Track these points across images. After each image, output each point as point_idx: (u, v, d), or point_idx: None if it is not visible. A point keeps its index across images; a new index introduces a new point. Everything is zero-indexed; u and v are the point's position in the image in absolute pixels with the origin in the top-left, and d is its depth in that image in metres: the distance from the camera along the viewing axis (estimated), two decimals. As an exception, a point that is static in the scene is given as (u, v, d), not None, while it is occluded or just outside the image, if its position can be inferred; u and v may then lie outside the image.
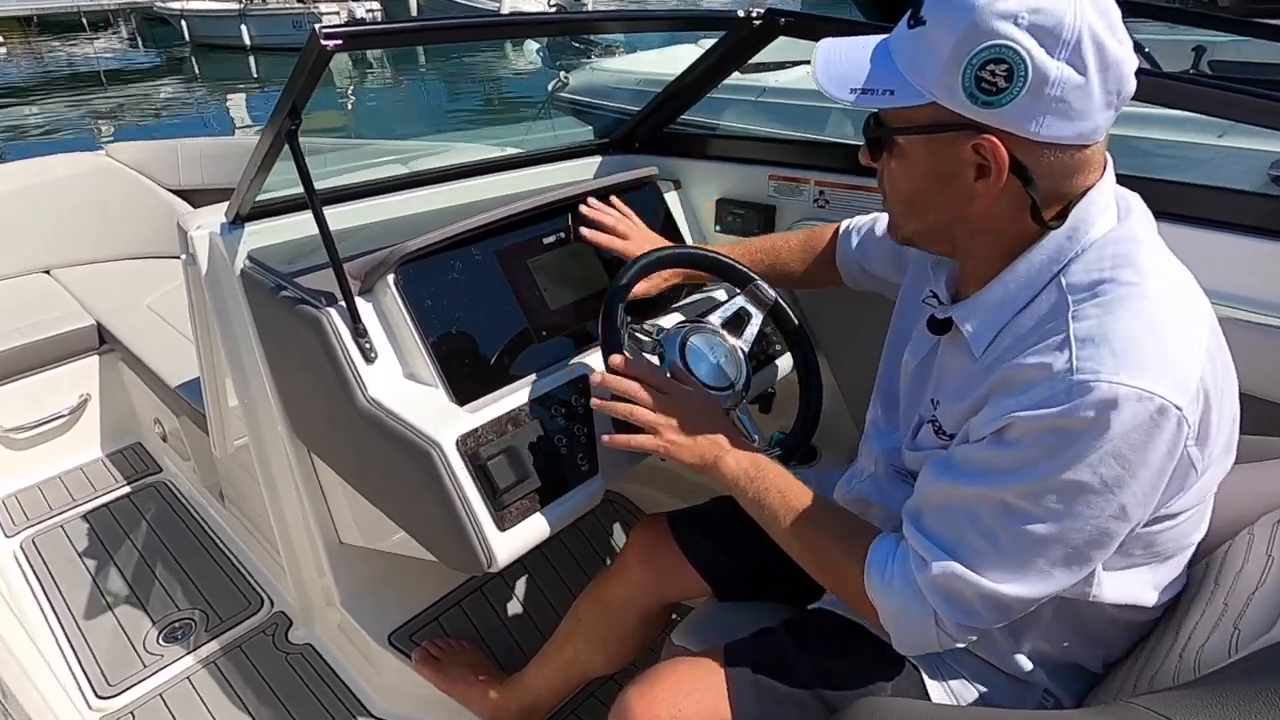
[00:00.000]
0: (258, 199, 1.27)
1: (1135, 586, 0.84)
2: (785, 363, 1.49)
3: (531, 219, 1.31)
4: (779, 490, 0.94)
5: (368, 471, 1.24)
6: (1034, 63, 0.68)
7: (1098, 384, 0.68)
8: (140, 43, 24.09)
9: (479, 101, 14.64)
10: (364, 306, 1.17)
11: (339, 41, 0.88)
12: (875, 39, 0.80)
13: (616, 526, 1.98)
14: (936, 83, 0.72)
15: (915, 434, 0.93)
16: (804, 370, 1.27)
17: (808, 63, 0.84)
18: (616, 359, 1.03)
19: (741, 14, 1.29)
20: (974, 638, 0.81)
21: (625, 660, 1.34)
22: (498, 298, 1.24)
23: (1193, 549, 0.86)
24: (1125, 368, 0.68)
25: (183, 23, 22.15)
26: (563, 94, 5.27)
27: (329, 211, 1.37)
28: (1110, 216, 0.77)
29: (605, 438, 1.02)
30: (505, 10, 20.23)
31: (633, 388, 1.00)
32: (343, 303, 1.13)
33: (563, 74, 5.42)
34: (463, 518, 1.03)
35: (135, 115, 15.00)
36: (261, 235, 1.34)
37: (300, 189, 1.10)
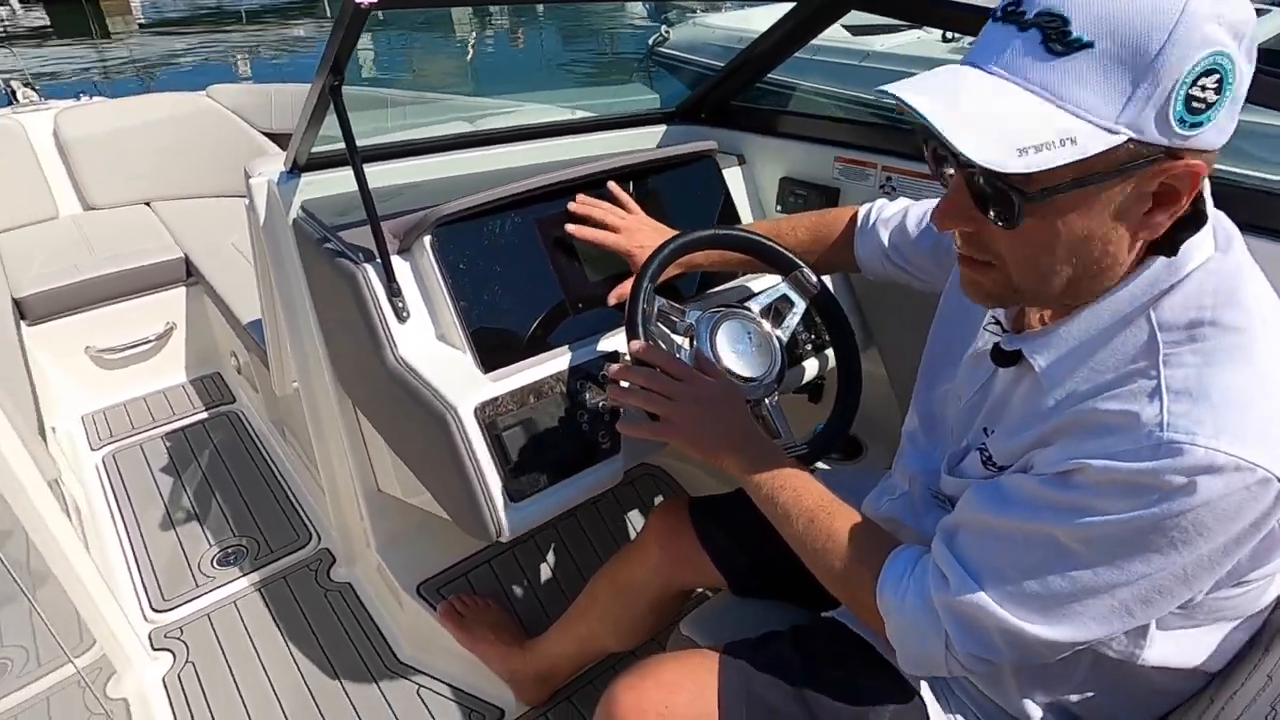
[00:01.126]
0: (314, 150, 1.29)
1: (1191, 649, 0.76)
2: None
3: (578, 188, 1.28)
4: (794, 489, 0.89)
5: (397, 428, 1.26)
6: (1237, 66, 0.57)
7: (1192, 448, 0.59)
8: (278, -18, 25.20)
9: (592, 54, 14.60)
10: (401, 266, 1.17)
11: (374, 0, 0.86)
12: (980, 76, 0.61)
13: (657, 499, 1.97)
14: (1135, 114, 0.57)
15: (960, 460, 0.86)
16: (843, 363, 1.21)
17: (917, 26, 0.71)
18: (636, 344, 1.00)
19: (813, -17, 1.20)
20: (985, 669, 0.76)
21: (639, 640, 1.34)
22: (534, 266, 1.22)
23: (1265, 615, 0.77)
24: (1226, 432, 0.59)
25: (320, -37, 22.92)
26: (662, 49, 5.17)
27: (383, 167, 1.39)
28: (1209, 241, 0.67)
29: (619, 425, 0.99)
30: (612, -36, 19.95)
31: (648, 376, 0.97)
32: (380, 260, 1.14)
33: (664, 29, 5.32)
34: (475, 485, 1.03)
35: (270, 52, 15.79)
36: (318, 186, 1.36)
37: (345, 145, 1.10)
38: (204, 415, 2.48)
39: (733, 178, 1.58)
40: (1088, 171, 0.60)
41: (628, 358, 1.17)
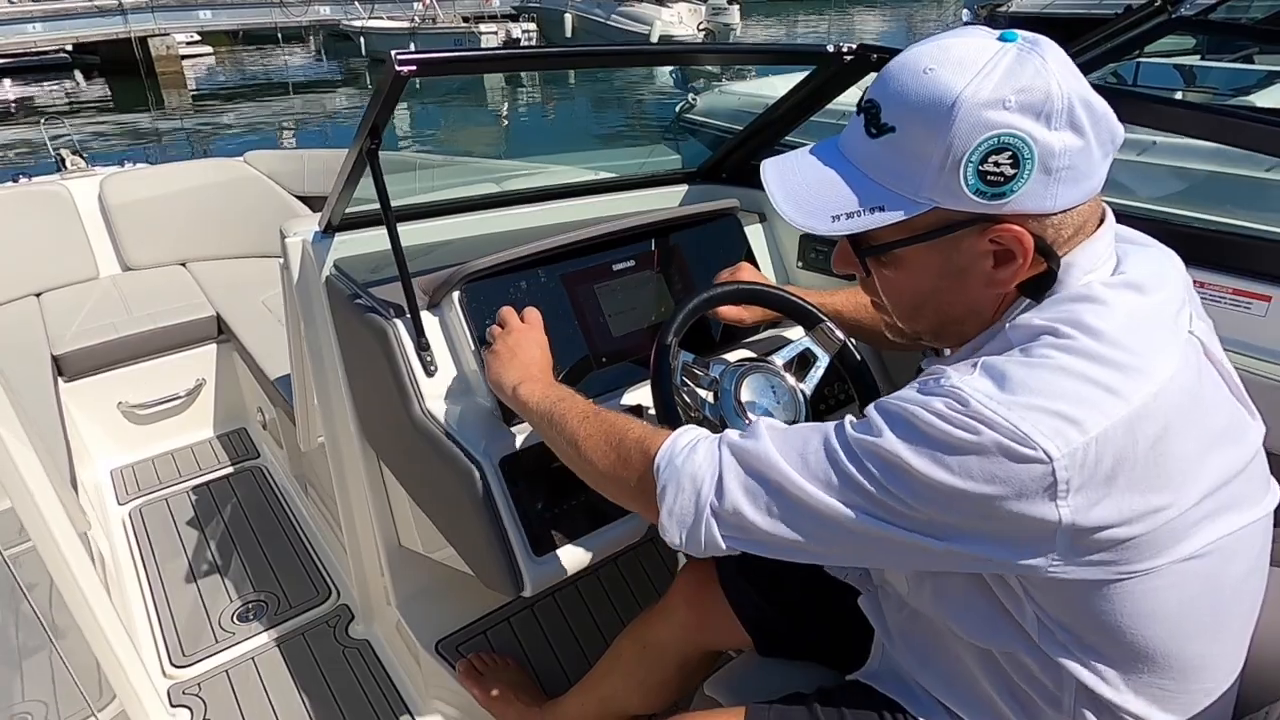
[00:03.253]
0: (348, 211, 1.33)
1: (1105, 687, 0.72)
2: (858, 408, 1.42)
3: (603, 245, 1.31)
4: (579, 414, 0.92)
5: (421, 481, 1.26)
6: (1036, 142, 0.64)
7: (969, 399, 0.65)
8: (324, 56, 26.70)
9: (622, 121, 15.14)
10: (431, 321, 1.20)
11: (414, 68, 0.91)
12: (816, 159, 0.75)
13: (681, 558, 1.94)
14: (934, 187, 0.67)
15: None
16: None
17: None
18: (504, 311, 1.13)
19: (831, 49, 1.25)
20: (736, 545, 0.75)
21: (663, 703, 1.31)
22: (561, 321, 1.24)
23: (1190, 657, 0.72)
24: (1003, 401, 0.64)
25: (361, 39, 24.35)
26: (689, 115, 5.35)
27: (415, 226, 1.43)
28: (1103, 272, 0.72)
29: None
30: (655, 36, 20.92)
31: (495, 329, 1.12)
32: (409, 315, 1.16)
33: (691, 96, 5.51)
34: (499, 539, 1.03)
35: (315, 121, 16.61)
36: (351, 245, 1.41)
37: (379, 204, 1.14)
38: (229, 470, 2.50)
39: (754, 235, 1.61)
40: (912, 232, 0.71)
41: (651, 412, 1.17)
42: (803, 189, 0.73)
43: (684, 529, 0.77)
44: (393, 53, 0.91)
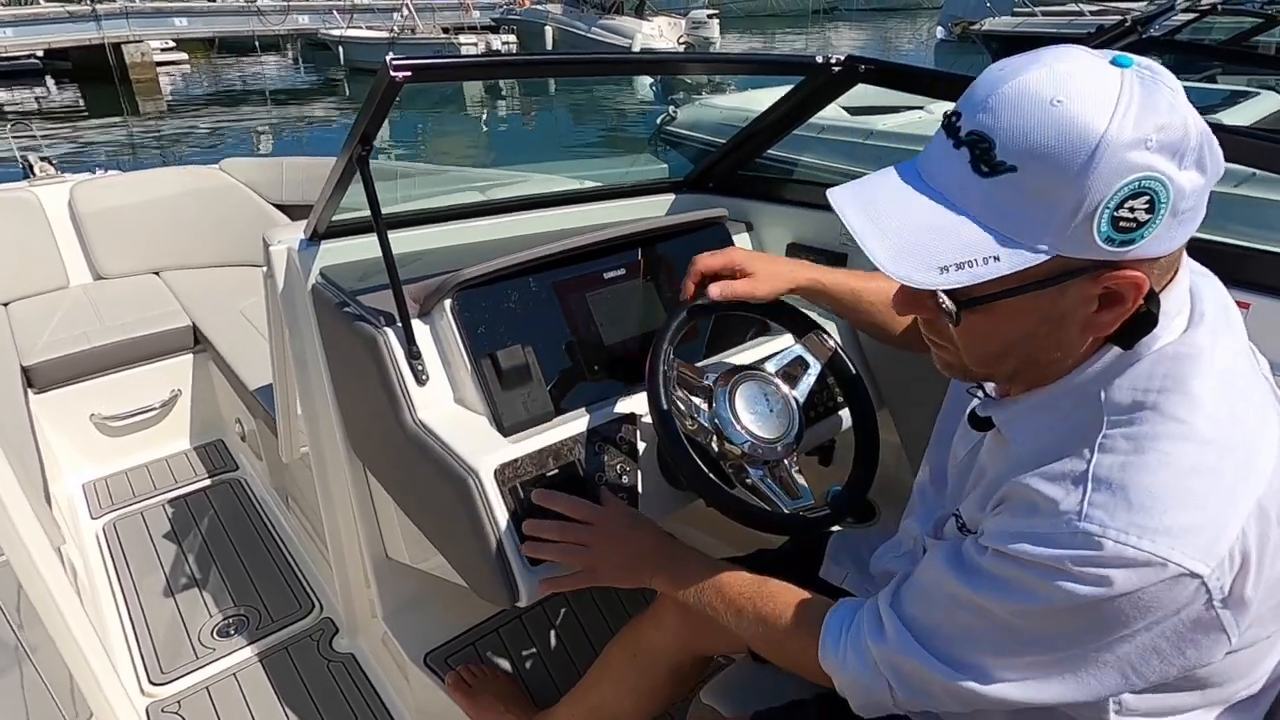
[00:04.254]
0: (334, 218, 1.32)
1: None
2: (848, 414, 1.43)
3: (594, 253, 1.31)
4: (716, 589, 0.94)
5: (411, 491, 1.25)
6: (1172, 183, 0.58)
7: (1104, 540, 0.61)
8: (301, 65, 26.42)
9: (601, 132, 15.17)
10: (421, 329, 1.19)
11: (408, 73, 0.91)
12: (911, 193, 0.65)
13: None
14: (1058, 235, 0.60)
15: (944, 524, 0.87)
16: (860, 425, 1.21)
17: (920, 108, 0.75)
18: (538, 492, 1.04)
19: (820, 60, 1.26)
20: (934, 709, 0.77)
21: (656, 710, 1.30)
22: (553, 329, 1.24)
23: (1264, 679, 0.75)
24: (1137, 527, 0.60)
25: (340, 48, 24.22)
26: (670, 128, 5.38)
27: (403, 234, 1.42)
28: (1180, 322, 0.68)
29: (545, 583, 1.03)
30: (637, 48, 21.07)
31: (559, 528, 1.01)
32: (400, 324, 1.15)
33: (671, 109, 5.54)
34: (494, 549, 1.02)
35: (290, 129, 16.45)
36: (338, 253, 1.39)
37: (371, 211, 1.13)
38: (206, 483, 2.46)
39: (741, 244, 1.62)
40: (1019, 283, 0.63)
41: (646, 419, 1.17)
42: (902, 233, 0.63)
43: (865, 696, 0.79)
44: (388, 58, 0.90)
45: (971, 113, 0.62)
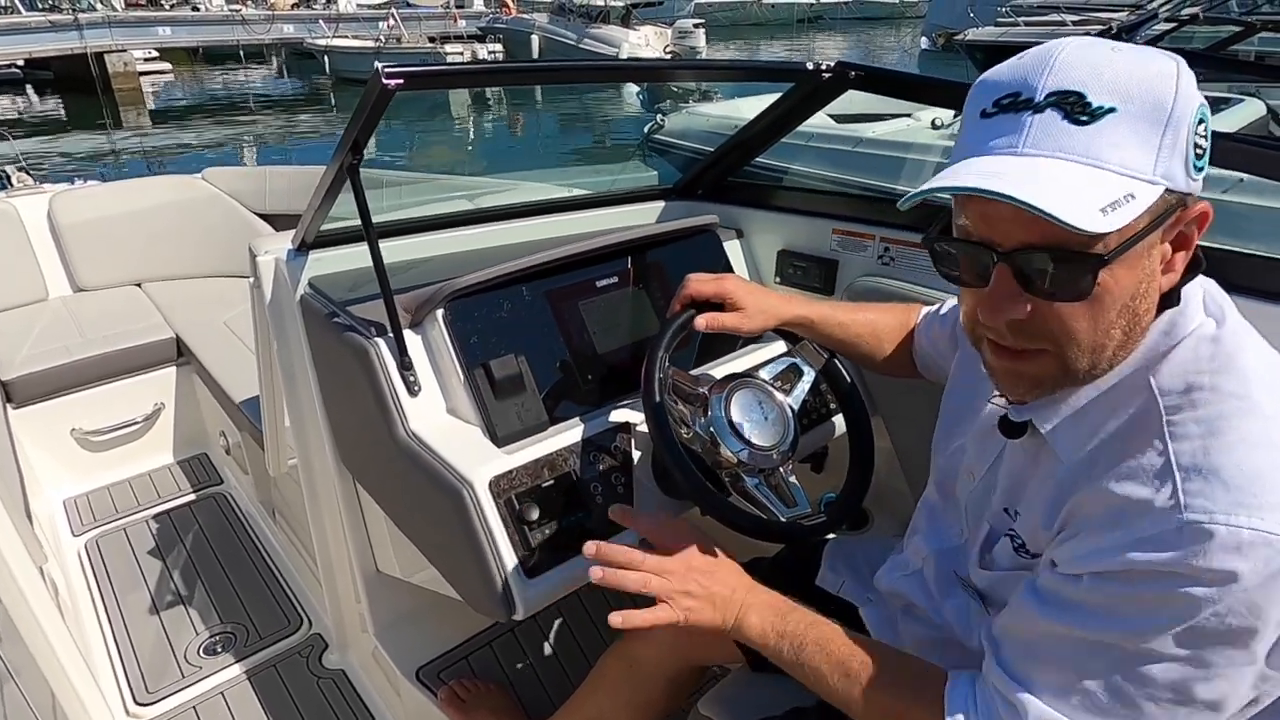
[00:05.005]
0: (323, 228, 1.31)
1: None
2: (840, 421, 1.43)
3: (585, 261, 1.31)
4: (816, 643, 0.83)
5: (403, 504, 1.23)
6: (1208, 114, 0.63)
7: (1214, 527, 0.58)
8: (286, 74, 26.27)
9: (589, 141, 15.17)
10: (413, 339, 1.18)
11: (400, 81, 0.90)
12: (1016, 159, 0.62)
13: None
14: (1166, 165, 0.60)
15: (988, 548, 0.83)
16: (855, 433, 1.21)
17: (907, 115, 0.73)
18: (616, 510, 0.97)
19: (810, 66, 1.27)
20: None
21: (651, 723, 1.28)
22: (545, 338, 1.23)
23: None
24: (1243, 507, 0.59)
25: (325, 58, 24.10)
26: (657, 136, 5.39)
27: (392, 244, 1.41)
28: (1199, 309, 0.69)
29: (615, 616, 0.88)
30: (623, 56, 21.15)
31: (634, 557, 0.89)
32: (391, 334, 1.14)
33: (659, 117, 5.56)
34: (490, 561, 1.01)
35: (275, 139, 16.34)
36: (326, 263, 1.38)
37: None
38: (190, 498, 2.42)
39: (732, 251, 1.62)
40: (1150, 220, 0.61)
41: (641, 428, 1.16)
42: (1049, 187, 0.59)
43: None
44: (378, 65, 0.89)
45: (1037, 83, 0.62)
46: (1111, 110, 0.60)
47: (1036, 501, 0.75)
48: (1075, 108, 0.61)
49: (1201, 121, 0.61)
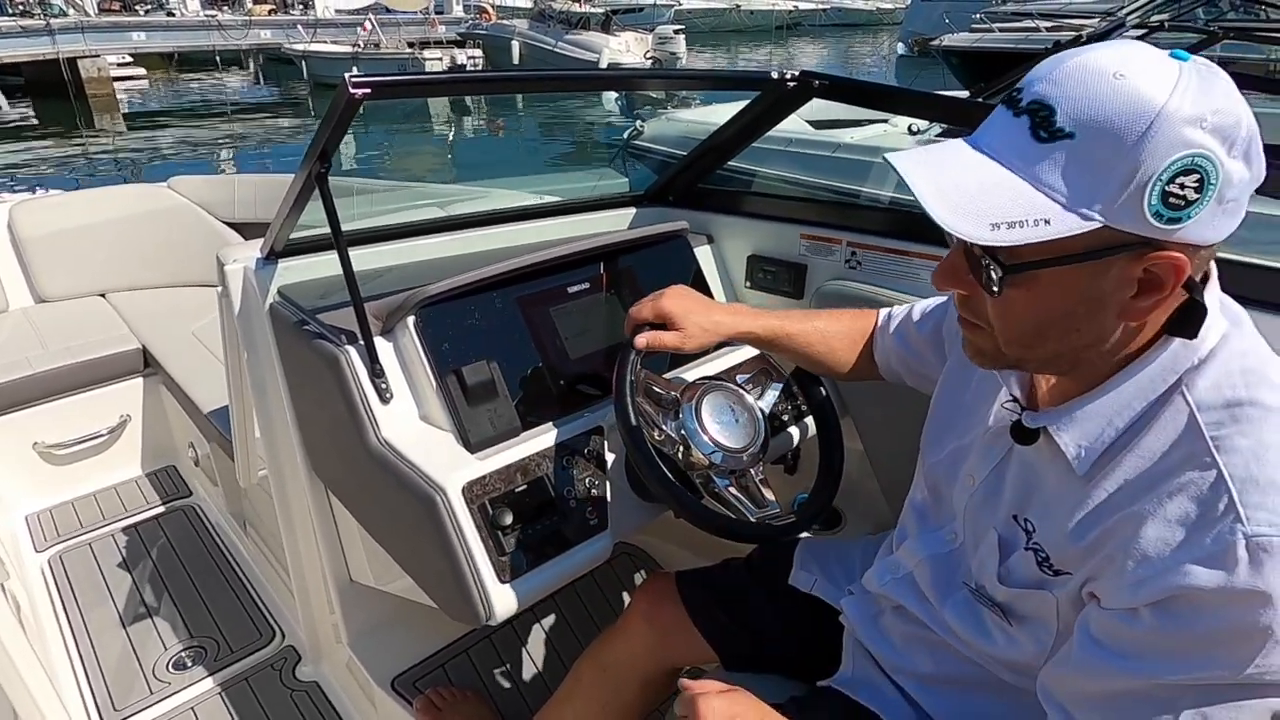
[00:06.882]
0: (292, 237, 1.30)
1: None
2: (811, 423, 1.44)
3: (557, 267, 1.31)
4: None
5: (377, 512, 1.23)
6: (1222, 167, 0.59)
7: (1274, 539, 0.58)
8: (263, 80, 25.98)
9: (570, 147, 15.14)
10: (384, 347, 1.17)
11: (367, 90, 0.90)
12: (972, 155, 0.66)
13: (637, 577, 1.93)
14: (1108, 204, 0.60)
15: (1003, 560, 0.81)
16: (824, 434, 1.22)
17: (884, 121, 0.74)
18: (686, 684, 0.88)
19: (776, 75, 1.28)
20: None
21: (627, 727, 1.28)
22: (518, 344, 1.23)
23: None
24: None
25: (303, 63, 23.87)
26: (637, 142, 5.41)
27: (363, 251, 1.41)
28: (1220, 319, 0.69)
29: None
30: (604, 63, 21.16)
31: None
32: (362, 341, 1.14)
33: (638, 123, 5.58)
34: (463, 566, 1.01)
35: (253, 144, 16.17)
36: (296, 271, 1.37)
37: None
38: (158, 510, 2.38)
39: (703, 256, 1.63)
40: (1064, 252, 0.63)
41: (613, 431, 1.17)
42: (959, 190, 0.64)
43: None
44: (346, 75, 0.89)
45: (1034, 85, 0.64)
46: (1069, 136, 0.61)
47: (1057, 513, 0.74)
48: (1043, 123, 0.62)
49: (1190, 173, 0.59)
